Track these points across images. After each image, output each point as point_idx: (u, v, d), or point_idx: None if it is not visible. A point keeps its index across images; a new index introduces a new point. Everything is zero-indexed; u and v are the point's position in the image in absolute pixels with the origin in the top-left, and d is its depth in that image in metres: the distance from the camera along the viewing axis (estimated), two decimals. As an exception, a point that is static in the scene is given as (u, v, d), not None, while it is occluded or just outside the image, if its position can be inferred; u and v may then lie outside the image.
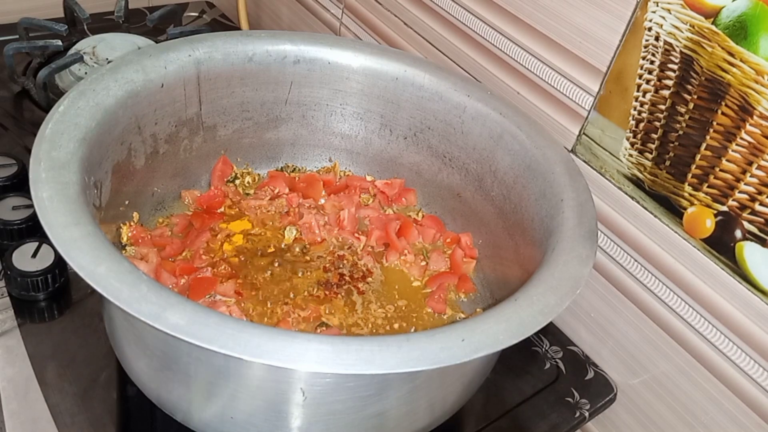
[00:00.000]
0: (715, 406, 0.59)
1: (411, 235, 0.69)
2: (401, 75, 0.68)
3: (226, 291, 0.60)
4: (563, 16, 0.63)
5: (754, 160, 0.51)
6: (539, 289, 0.46)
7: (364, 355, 0.39)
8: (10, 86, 0.88)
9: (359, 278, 0.65)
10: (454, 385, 0.52)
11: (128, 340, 0.51)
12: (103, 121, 0.53)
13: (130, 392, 0.56)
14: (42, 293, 0.61)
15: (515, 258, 0.61)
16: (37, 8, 1.00)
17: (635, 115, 0.59)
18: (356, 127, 0.73)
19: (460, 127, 0.67)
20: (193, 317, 0.39)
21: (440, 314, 0.63)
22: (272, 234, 0.67)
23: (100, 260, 0.41)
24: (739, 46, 0.50)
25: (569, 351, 0.68)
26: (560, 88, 0.65)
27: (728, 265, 0.55)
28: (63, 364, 0.57)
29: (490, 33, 0.71)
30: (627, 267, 0.64)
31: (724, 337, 0.57)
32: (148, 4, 1.14)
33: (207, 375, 0.45)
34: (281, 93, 0.70)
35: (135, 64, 0.58)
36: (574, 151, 0.65)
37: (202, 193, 0.69)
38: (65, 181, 0.46)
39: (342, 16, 0.93)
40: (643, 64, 0.57)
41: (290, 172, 0.74)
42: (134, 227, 0.62)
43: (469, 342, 0.41)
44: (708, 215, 0.55)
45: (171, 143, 0.65)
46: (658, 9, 0.55)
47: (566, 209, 0.54)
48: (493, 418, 0.60)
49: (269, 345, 0.38)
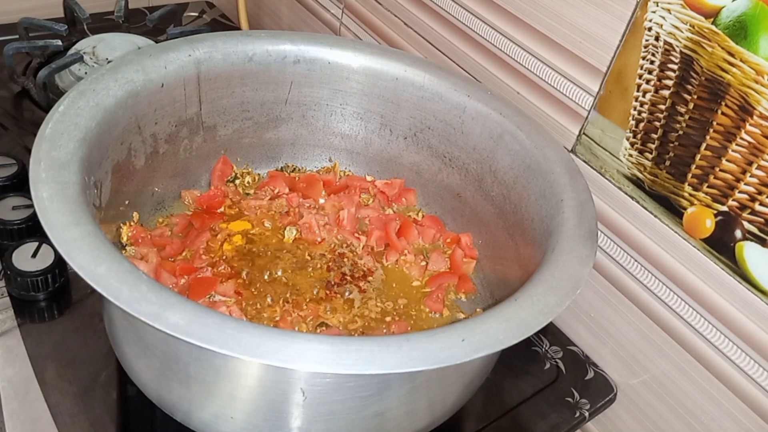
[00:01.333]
0: (715, 406, 0.59)
1: (411, 235, 0.69)
2: (401, 75, 0.68)
3: (226, 291, 0.60)
4: (563, 16, 0.63)
5: (754, 160, 0.51)
6: (539, 289, 0.46)
7: (364, 355, 0.39)
8: (10, 86, 0.88)
9: (360, 277, 0.65)
10: (454, 385, 0.52)
11: (128, 340, 0.51)
12: (103, 121, 0.53)
13: (130, 392, 0.56)
14: (42, 293, 0.61)
15: (515, 258, 0.61)
16: (37, 8, 1.00)
17: (635, 115, 0.59)
18: (356, 127, 0.73)
19: (460, 127, 0.67)
20: (193, 317, 0.39)
21: (438, 314, 0.63)
22: (272, 234, 0.67)
23: (100, 260, 0.41)
24: (739, 46, 0.50)
25: (569, 351, 0.69)
26: (560, 88, 0.65)
27: (728, 265, 0.55)
28: (63, 364, 0.57)
29: (490, 33, 0.71)
30: (627, 267, 0.64)
31: (724, 337, 0.57)
32: (148, 4, 1.14)
33: (207, 375, 0.45)
34: (281, 93, 0.70)
35: (135, 64, 0.58)
36: (574, 151, 0.65)
37: (202, 193, 0.69)
38: (65, 181, 0.46)
39: (342, 16, 0.93)
40: (643, 64, 0.57)
41: (290, 172, 0.74)
42: (134, 227, 0.62)
43: (469, 342, 0.41)
44: (708, 215, 0.55)
45: (171, 143, 0.65)
46: (658, 9, 0.55)
47: (566, 209, 0.54)
48: (493, 418, 0.60)
49: (269, 345, 0.38)
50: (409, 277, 0.66)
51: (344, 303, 0.62)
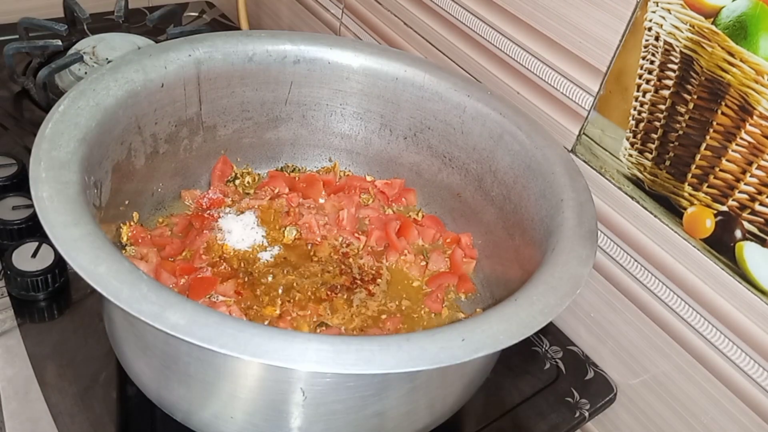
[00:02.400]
0: (715, 406, 0.59)
1: (411, 235, 0.69)
2: (401, 75, 0.68)
3: (226, 291, 0.60)
4: (563, 16, 0.63)
5: (754, 160, 0.51)
6: (539, 289, 0.46)
7: (364, 355, 0.39)
8: (10, 86, 0.88)
9: (369, 281, 0.65)
10: (454, 385, 0.52)
11: (128, 340, 0.51)
12: (103, 120, 0.53)
13: (130, 392, 0.56)
14: (42, 293, 0.61)
15: (515, 258, 0.61)
16: (37, 8, 1.00)
17: (635, 115, 0.59)
18: (356, 127, 0.73)
19: (460, 127, 0.67)
20: (193, 317, 0.39)
21: (437, 314, 0.63)
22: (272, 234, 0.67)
23: (100, 260, 0.41)
24: (739, 46, 0.50)
25: (569, 351, 0.68)
26: (560, 88, 0.65)
27: (728, 265, 0.55)
28: (63, 364, 0.57)
29: (490, 33, 0.71)
30: (627, 267, 0.64)
31: (724, 337, 0.57)
32: (148, 4, 1.14)
33: (207, 375, 0.45)
34: (281, 93, 0.70)
35: (135, 63, 0.58)
36: (574, 151, 0.65)
37: (202, 193, 0.69)
38: (65, 180, 0.46)
39: (342, 16, 0.93)
40: (643, 64, 0.57)
41: (290, 172, 0.74)
42: (134, 227, 0.62)
43: (469, 342, 0.41)
44: (708, 215, 0.55)
45: (171, 143, 0.65)
46: (658, 9, 0.55)
47: (566, 209, 0.54)
48: (493, 418, 0.60)
49: (269, 345, 0.38)
50: (409, 277, 0.66)
51: (344, 303, 0.62)
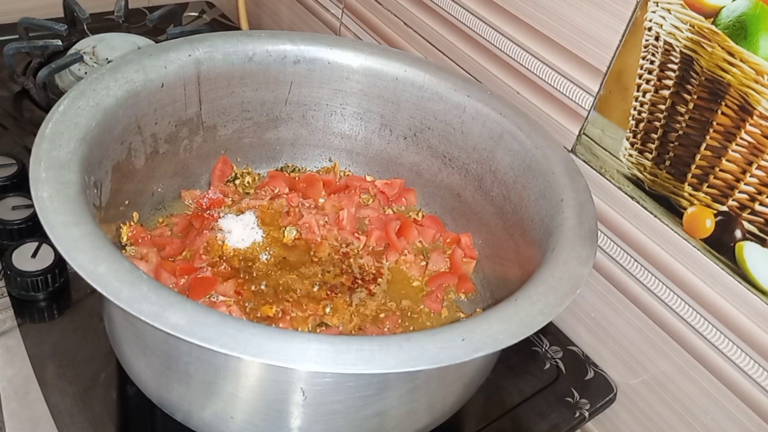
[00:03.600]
0: (715, 406, 0.59)
1: (411, 235, 0.69)
2: (401, 75, 0.68)
3: (226, 291, 0.60)
4: (563, 16, 0.63)
5: (754, 160, 0.51)
6: (539, 289, 0.46)
7: (364, 354, 0.39)
8: (10, 86, 0.88)
9: (370, 280, 0.65)
10: (454, 385, 0.52)
11: (128, 340, 0.51)
12: (103, 120, 0.53)
13: (130, 392, 0.56)
14: (42, 293, 0.61)
15: (515, 258, 0.61)
16: (37, 8, 1.00)
17: (635, 115, 0.59)
18: (356, 127, 0.73)
19: (460, 127, 0.67)
20: (193, 317, 0.39)
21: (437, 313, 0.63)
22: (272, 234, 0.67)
23: (100, 260, 0.41)
24: (739, 46, 0.50)
25: (569, 351, 0.68)
26: (560, 88, 0.65)
27: (728, 265, 0.55)
28: (63, 364, 0.57)
29: (490, 33, 0.71)
30: (627, 267, 0.64)
31: (724, 337, 0.57)
32: (148, 4, 1.14)
33: (207, 375, 0.45)
34: (281, 93, 0.70)
35: (135, 63, 0.58)
36: (574, 151, 0.65)
37: (202, 193, 0.69)
38: (65, 180, 0.46)
39: (342, 16, 0.93)
40: (643, 64, 0.57)
41: (290, 172, 0.74)
42: (134, 227, 0.62)
43: (469, 342, 0.41)
44: (708, 215, 0.55)
45: (171, 143, 0.65)
46: (658, 9, 0.55)
47: (566, 209, 0.54)
48: (493, 418, 0.60)
49: (269, 345, 0.38)
50: (409, 277, 0.66)
51: (344, 303, 0.62)
